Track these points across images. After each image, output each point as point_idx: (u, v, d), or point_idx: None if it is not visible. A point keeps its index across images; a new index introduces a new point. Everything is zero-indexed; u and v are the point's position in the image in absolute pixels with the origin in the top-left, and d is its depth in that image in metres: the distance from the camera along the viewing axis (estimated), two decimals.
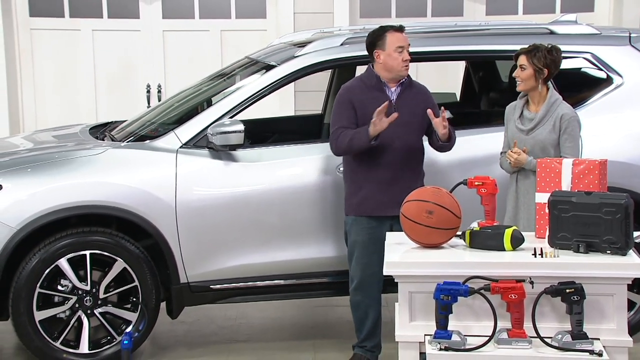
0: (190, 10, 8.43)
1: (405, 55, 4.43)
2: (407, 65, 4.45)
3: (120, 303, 4.75)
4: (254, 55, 5.67)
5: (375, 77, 4.51)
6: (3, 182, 4.59)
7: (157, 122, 5.24)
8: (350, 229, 4.53)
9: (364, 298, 4.54)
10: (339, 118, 4.49)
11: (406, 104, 4.48)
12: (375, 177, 4.45)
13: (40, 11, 8.31)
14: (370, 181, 4.45)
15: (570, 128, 4.29)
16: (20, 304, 4.56)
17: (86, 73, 8.37)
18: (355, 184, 4.50)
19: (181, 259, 4.70)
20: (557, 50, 4.39)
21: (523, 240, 3.52)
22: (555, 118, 4.31)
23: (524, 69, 4.35)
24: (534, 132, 4.34)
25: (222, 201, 4.72)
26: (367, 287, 4.50)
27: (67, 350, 4.66)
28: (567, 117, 4.30)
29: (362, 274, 4.49)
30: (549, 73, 4.34)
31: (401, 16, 8.32)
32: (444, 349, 3.25)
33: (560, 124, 4.30)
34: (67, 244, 4.59)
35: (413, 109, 4.46)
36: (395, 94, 4.51)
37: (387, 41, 4.44)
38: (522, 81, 4.37)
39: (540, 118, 4.33)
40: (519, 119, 4.42)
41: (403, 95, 4.51)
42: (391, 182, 4.41)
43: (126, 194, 4.63)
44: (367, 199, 4.45)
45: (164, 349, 5.04)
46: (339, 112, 4.51)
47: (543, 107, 4.35)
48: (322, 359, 4.85)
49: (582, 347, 3.24)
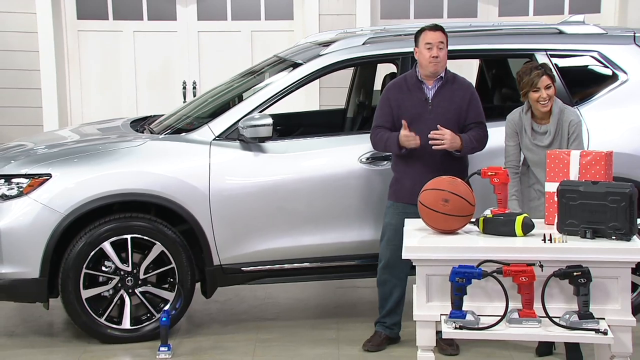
0: (223, 12, 8.43)
1: (433, 52, 4.38)
2: (435, 61, 4.39)
3: (159, 283, 4.77)
4: (282, 54, 5.65)
5: (415, 75, 4.49)
6: (52, 171, 4.62)
7: (192, 116, 5.24)
8: (387, 211, 4.55)
9: (391, 277, 4.53)
10: (377, 115, 4.57)
11: (443, 100, 4.43)
12: (411, 170, 4.45)
13: (86, 14, 8.35)
14: (408, 173, 4.46)
15: (576, 133, 4.21)
16: (68, 283, 4.60)
17: (128, 71, 8.40)
18: (397, 174, 4.55)
19: (214, 243, 4.71)
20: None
21: (533, 227, 3.49)
22: (564, 126, 4.21)
23: (549, 87, 4.16)
24: (553, 146, 4.20)
25: (252, 189, 4.72)
26: (395, 268, 4.49)
27: (111, 326, 4.70)
28: (574, 124, 4.20)
29: (391, 255, 4.47)
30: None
31: (419, 17, 8.25)
32: (458, 327, 3.24)
33: (569, 128, 4.22)
34: (111, 228, 4.62)
35: (449, 105, 4.41)
36: (433, 90, 4.46)
37: (420, 39, 4.44)
38: (548, 99, 4.17)
39: (554, 131, 4.20)
40: (533, 135, 4.26)
41: (441, 92, 4.46)
42: (426, 174, 4.31)
43: (164, 182, 4.64)
44: (405, 188, 4.46)
45: (199, 326, 5.06)
46: (379, 109, 4.58)
47: (552, 119, 4.21)
48: (344, 336, 4.84)
49: (588, 326, 3.22)
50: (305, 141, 4.91)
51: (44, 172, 4.61)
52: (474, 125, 4.47)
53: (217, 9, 8.42)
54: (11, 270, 4.56)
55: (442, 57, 4.41)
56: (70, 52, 8.31)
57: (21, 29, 8.00)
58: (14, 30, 7.99)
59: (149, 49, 8.37)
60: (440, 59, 4.40)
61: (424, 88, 4.47)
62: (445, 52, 4.43)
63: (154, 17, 8.40)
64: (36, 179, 4.59)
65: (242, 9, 8.42)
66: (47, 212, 4.54)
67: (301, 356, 4.56)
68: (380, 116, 4.53)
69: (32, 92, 8.08)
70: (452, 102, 4.44)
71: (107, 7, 8.36)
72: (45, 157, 4.76)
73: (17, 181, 4.61)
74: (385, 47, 5.01)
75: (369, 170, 4.76)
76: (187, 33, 8.38)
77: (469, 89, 4.53)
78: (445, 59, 4.45)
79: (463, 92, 4.47)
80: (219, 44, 8.37)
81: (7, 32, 7.99)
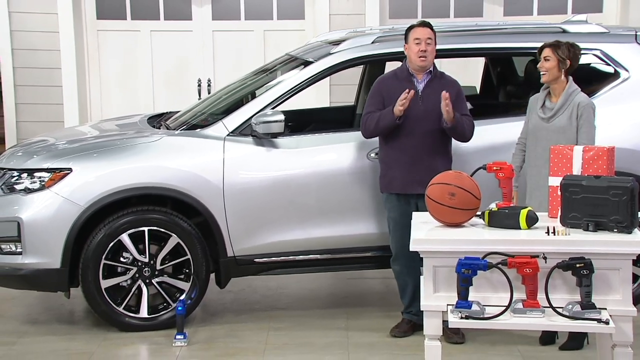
0: (237, 12, 8.42)
1: (421, 46, 4.40)
2: (423, 56, 4.40)
3: (175, 274, 4.78)
4: (294, 52, 5.64)
5: (406, 70, 4.52)
6: (73, 166, 4.63)
7: (207, 113, 5.24)
8: (385, 205, 4.57)
9: (402, 267, 4.53)
10: (368, 105, 4.57)
11: (431, 94, 4.45)
12: (400, 159, 4.46)
13: (106, 14, 8.36)
14: (397, 163, 4.47)
15: (585, 114, 4.21)
16: (88, 273, 4.61)
17: (145, 69, 8.41)
18: (386, 165, 4.54)
19: (228, 235, 4.71)
20: (577, 46, 4.32)
21: (537, 220, 3.47)
22: (572, 106, 4.23)
23: (547, 60, 4.24)
24: (554, 120, 4.26)
25: (264, 183, 4.72)
26: (403, 258, 4.49)
27: (129, 315, 4.71)
28: (582, 105, 4.22)
29: (397, 245, 4.49)
30: (570, 65, 4.25)
31: (426, 17, 8.21)
32: (464, 317, 3.22)
33: (577, 111, 4.21)
34: (128, 221, 4.62)
35: (437, 99, 4.41)
36: (422, 84, 4.49)
37: (409, 35, 4.47)
38: (546, 71, 4.25)
39: (559, 107, 4.25)
40: (541, 109, 4.34)
41: (430, 86, 4.48)
42: (414, 164, 4.41)
43: (180, 176, 4.64)
44: (395, 179, 4.48)
45: (213, 315, 5.07)
46: (369, 101, 4.58)
47: (562, 96, 4.26)
48: (354, 325, 4.84)
49: (590, 316, 3.20)
50: (316, 137, 4.90)
51: (64, 167, 4.62)
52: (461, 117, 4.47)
53: (231, 9, 8.42)
54: (34, 261, 4.58)
55: (430, 52, 4.44)
56: (90, 51, 8.33)
57: (43, 29, 8.02)
58: (36, 30, 8.02)
59: (165, 48, 8.37)
60: (428, 54, 4.43)
61: (414, 81, 4.49)
62: (433, 48, 4.45)
63: (170, 17, 8.40)
64: (57, 173, 4.61)
65: (255, 9, 8.41)
66: (68, 205, 4.55)
67: (311, 344, 4.55)
68: (371, 105, 4.53)
69: (53, 90, 8.10)
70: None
71: (125, 7, 8.37)
72: (66, 152, 4.77)
73: (40, 175, 4.63)
74: (393, 45, 4.98)
75: (376, 165, 4.75)
76: (202, 32, 8.38)
77: (455, 84, 4.55)
78: (433, 54, 4.47)
79: (451, 87, 4.47)
80: (232, 43, 8.37)
81: (30, 32, 8.02)
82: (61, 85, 8.10)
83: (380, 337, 4.61)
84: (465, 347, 4.46)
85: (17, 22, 8.01)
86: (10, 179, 4.69)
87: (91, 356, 4.41)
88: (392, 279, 4.84)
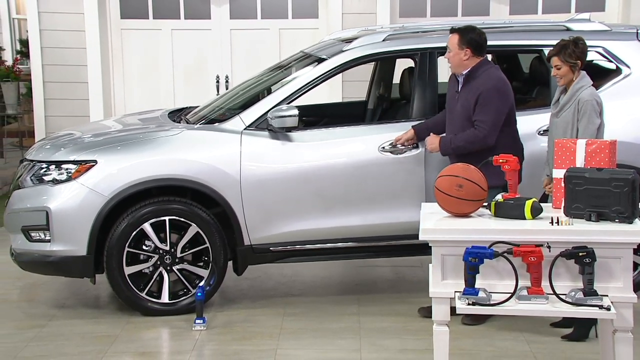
0: (254, 11, 8.41)
1: (447, 54, 4.50)
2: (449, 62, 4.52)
3: (194, 261, 4.79)
4: (308, 50, 5.62)
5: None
6: (98, 158, 4.64)
7: (225, 108, 5.24)
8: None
9: None
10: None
11: (464, 93, 4.48)
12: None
13: (129, 14, 8.36)
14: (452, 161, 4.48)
15: (583, 110, 4.14)
16: (112, 261, 4.63)
17: (166, 66, 8.41)
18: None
19: (245, 224, 4.71)
20: (581, 40, 4.20)
21: (541, 210, 3.45)
22: (576, 102, 4.18)
23: (559, 68, 4.17)
24: (561, 115, 4.22)
25: (279, 175, 4.71)
26: None
27: (151, 300, 4.73)
28: (583, 101, 4.15)
29: None
30: (582, 63, 4.20)
31: (435, 16, 8.18)
32: (471, 304, 3.21)
33: (579, 106, 4.17)
34: (150, 210, 4.63)
35: (467, 99, 4.43)
36: (461, 84, 4.53)
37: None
38: (560, 78, 4.20)
39: (565, 102, 4.21)
40: (554, 105, 4.32)
41: (465, 86, 4.50)
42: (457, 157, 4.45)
43: (199, 169, 4.64)
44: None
45: (231, 301, 5.08)
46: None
47: (569, 92, 4.21)
48: (365, 311, 4.83)
49: (592, 302, 3.18)
50: (329, 131, 4.88)
51: (90, 159, 4.64)
52: (475, 123, 4.41)
53: (248, 8, 8.41)
54: (61, 248, 4.60)
55: (450, 59, 4.47)
56: (115, 49, 8.34)
57: (70, 28, 8.05)
58: (64, 29, 8.05)
59: (185, 45, 8.37)
60: (450, 61, 4.48)
61: (458, 79, 4.55)
62: (451, 55, 4.45)
63: (190, 16, 8.40)
64: (83, 165, 4.62)
65: (271, 8, 8.39)
66: (93, 195, 4.57)
67: (325, 329, 4.55)
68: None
69: (79, 86, 8.13)
70: (470, 97, 4.43)
71: (147, 7, 8.38)
72: (92, 145, 4.79)
73: (67, 167, 4.64)
74: (403, 43, 4.96)
75: (387, 158, 4.73)
76: (220, 31, 8.37)
77: (483, 85, 4.40)
78: (454, 60, 4.46)
79: (476, 89, 4.42)
80: (249, 41, 8.35)
81: (58, 31, 8.05)
82: (87, 82, 8.12)
83: (391, 322, 4.60)
84: (472, 332, 4.45)
85: (46, 21, 8.04)
86: (39, 171, 4.71)
87: (115, 339, 4.43)
88: (401, 267, 4.83)
